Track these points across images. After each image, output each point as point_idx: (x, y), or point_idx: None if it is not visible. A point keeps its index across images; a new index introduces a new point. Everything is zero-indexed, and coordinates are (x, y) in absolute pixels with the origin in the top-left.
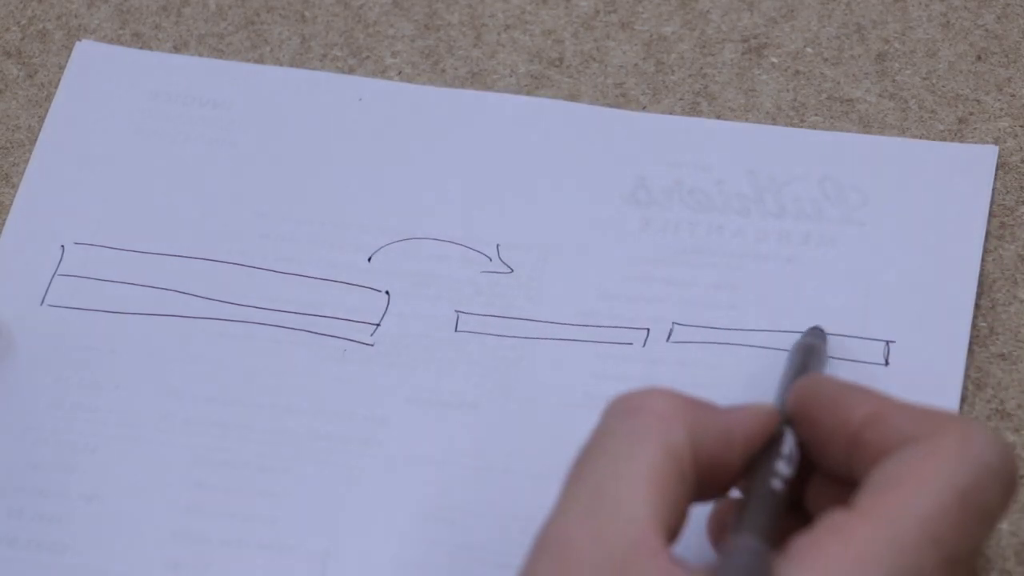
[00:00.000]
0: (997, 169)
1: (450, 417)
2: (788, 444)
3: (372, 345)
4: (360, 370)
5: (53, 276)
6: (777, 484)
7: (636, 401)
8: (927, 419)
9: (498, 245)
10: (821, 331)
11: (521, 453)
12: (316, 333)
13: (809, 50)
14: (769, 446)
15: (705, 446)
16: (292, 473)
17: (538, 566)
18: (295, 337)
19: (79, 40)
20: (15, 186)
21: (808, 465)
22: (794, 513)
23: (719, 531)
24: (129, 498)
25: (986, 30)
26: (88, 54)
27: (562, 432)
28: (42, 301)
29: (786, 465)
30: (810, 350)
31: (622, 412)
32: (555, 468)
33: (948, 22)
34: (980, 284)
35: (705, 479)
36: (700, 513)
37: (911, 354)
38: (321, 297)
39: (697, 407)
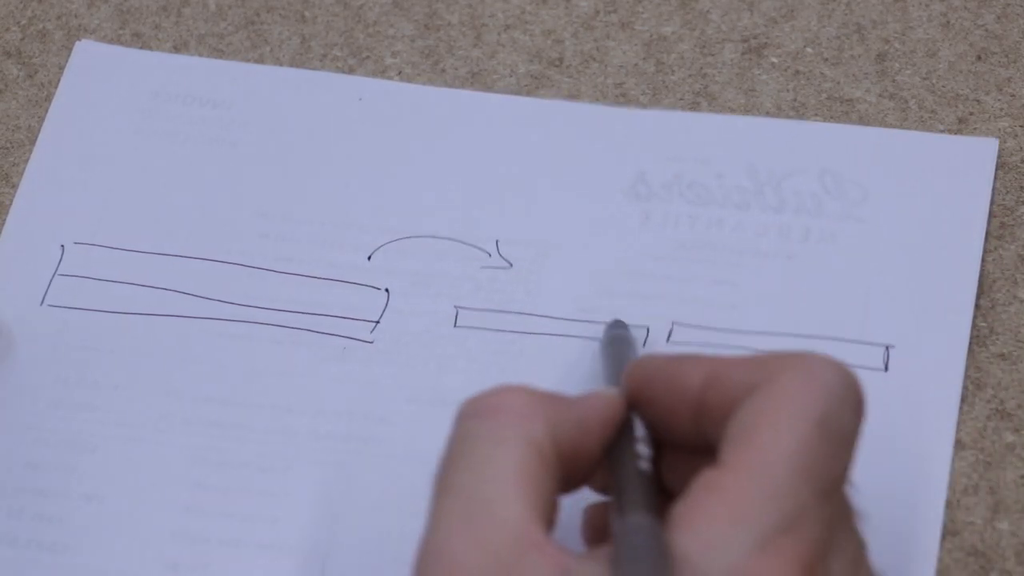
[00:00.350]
0: (997, 169)
1: (450, 415)
2: (639, 427)
3: (372, 343)
4: (360, 368)
5: (53, 276)
6: (643, 465)
7: (490, 401)
8: (764, 364)
9: (497, 241)
10: (622, 322)
11: None
12: (316, 332)
13: (809, 50)
14: (622, 432)
15: (564, 437)
16: (292, 473)
17: None
18: (295, 336)
19: (79, 40)
20: (15, 186)
21: (657, 446)
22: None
23: (594, 533)
24: (129, 498)
25: (986, 30)
26: (88, 54)
27: None
28: (42, 301)
29: (644, 446)
30: (621, 340)
31: (478, 414)
32: None
33: (948, 22)
34: (980, 284)
35: (567, 470)
36: (566, 512)
37: (911, 354)
38: (321, 296)
39: (551, 400)
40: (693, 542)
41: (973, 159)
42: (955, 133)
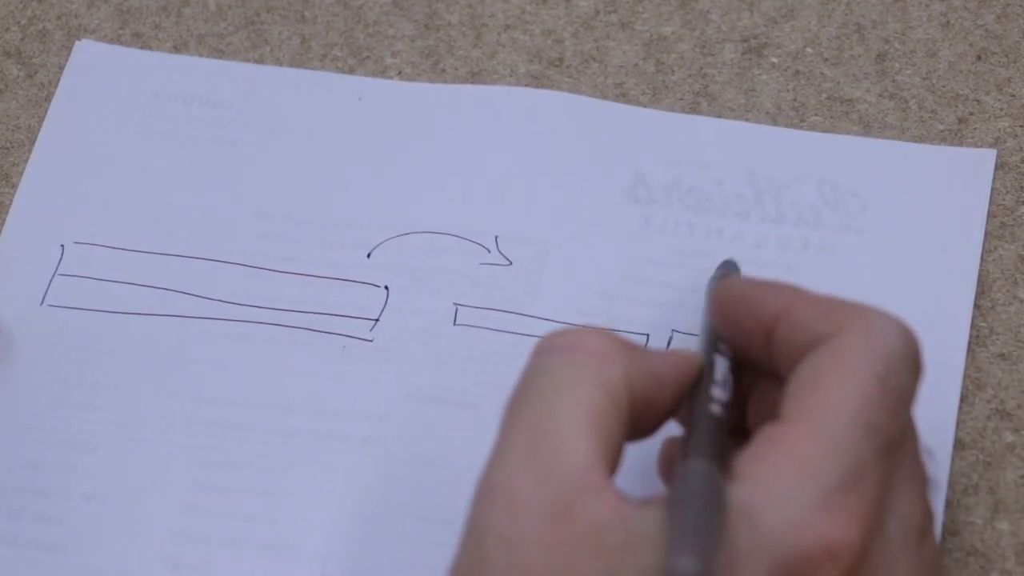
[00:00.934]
0: (997, 169)
1: (449, 416)
2: (721, 369)
3: (371, 341)
4: (359, 367)
5: (53, 276)
6: (716, 409)
7: (570, 339)
8: (831, 313)
9: (496, 237)
10: (733, 262)
11: None
12: (316, 331)
13: (809, 50)
14: (700, 379)
15: (638, 385)
16: (292, 473)
17: (485, 514)
18: (295, 336)
19: (79, 40)
20: (15, 186)
21: (746, 388)
22: (741, 441)
23: (668, 468)
24: (129, 498)
25: (986, 30)
26: (88, 54)
27: None
28: (42, 301)
29: (721, 390)
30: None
31: (556, 350)
32: None
33: (948, 22)
34: (980, 284)
35: (637, 418)
36: (633, 454)
37: None
38: (320, 295)
39: (630, 348)
40: (754, 495)
41: (971, 169)
42: (955, 133)
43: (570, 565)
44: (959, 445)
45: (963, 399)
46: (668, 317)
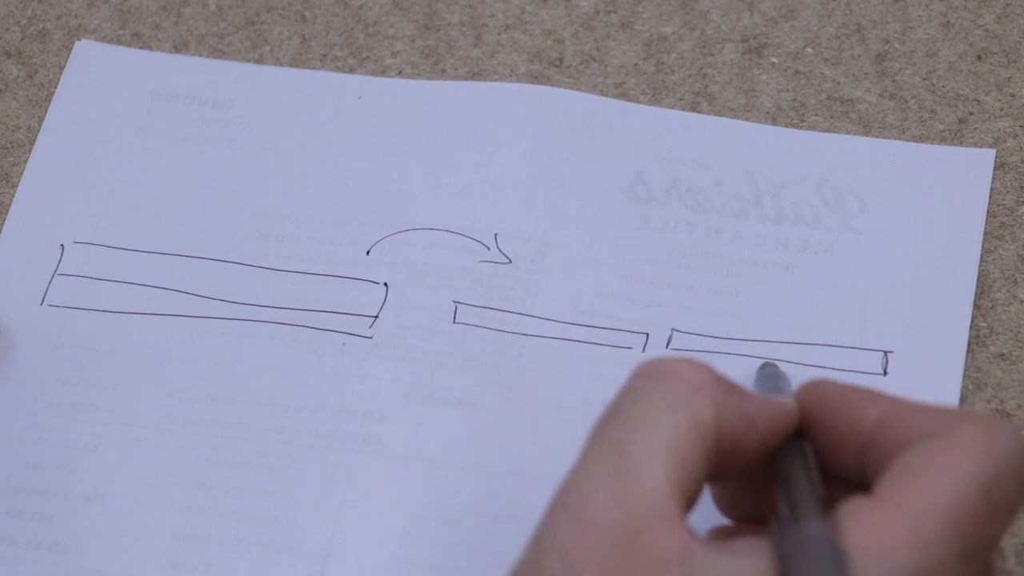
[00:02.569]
0: (996, 169)
1: (449, 415)
2: (811, 454)
3: (371, 338)
4: (359, 364)
5: (53, 276)
6: (818, 486)
7: (669, 367)
8: (945, 416)
9: (496, 234)
10: (773, 364)
11: (520, 454)
12: (316, 328)
13: (809, 50)
14: (793, 448)
15: (729, 425)
16: (292, 472)
17: (553, 526)
18: (295, 334)
19: (79, 40)
20: (15, 186)
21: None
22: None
23: (728, 504)
24: (129, 498)
25: (986, 30)
26: (88, 54)
27: (560, 435)
28: (42, 301)
29: (816, 470)
30: (776, 375)
31: (653, 376)
32: (553, 470)
33: (948, 22)
34: (980, 284)
35: (723, 457)
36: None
37: (911, 355)
38: (320, 293)
39: (726, 385)
40: None
41: (970, 169)
42: (955, 133)
43: None
44: None
45: (963, 399)
46: (668, 316)
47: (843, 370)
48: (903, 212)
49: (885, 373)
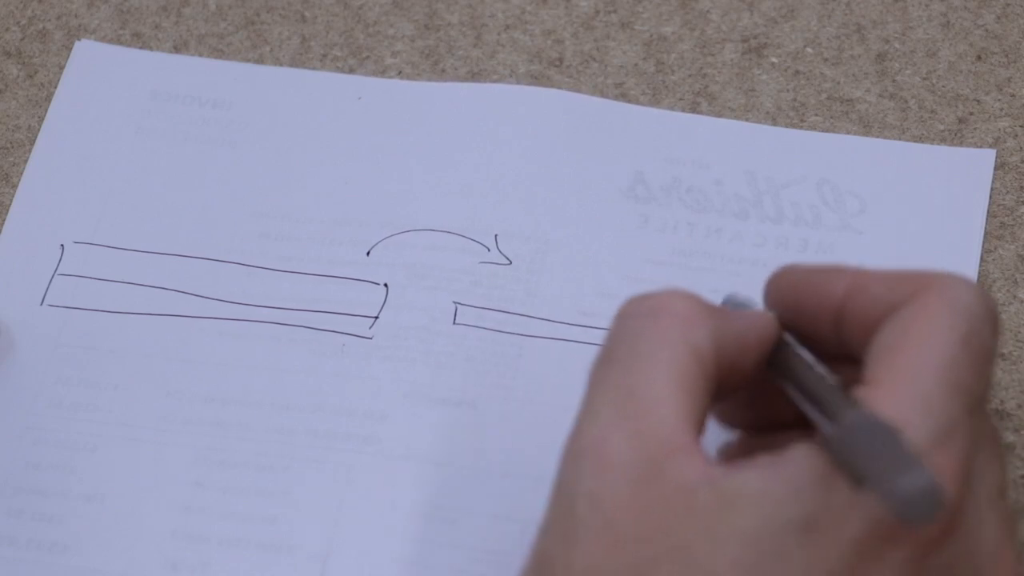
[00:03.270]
0: (996, 169)
1: (449, 415)
2: (801, 348)
3: (371, 338)
4: (359, 365)
5: (53, 276)
6: (827, 373)
7: (658, 302)
8: (904, 281)
9: (496, 235)
10: (737, 293)
11: (520, 454)
12: (315, 329)
13: (809, 50)
14: (782, 349)
15: (725, 349)
16: (291, 472)
17: (575, 474)
18: (295, 334)
19: (79, 40)
20: (15, 186)
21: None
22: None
23: (729, 417)
24: (128, 498)
25: (986, 30)
26: (88, 54)
27: (560, 435)
28: (42, 301)
29: (816, 360)
30: (746, 298)
31: (644, 313)
32: (552, 471)
33: (948, 22)
34: (980, 284)
35: (722, 380)
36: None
37: None
38: (320, 293)
39: (715, 311)
40: None
41: (971, 169)
42: (955, 133)
43: (661, 526)
44: None
45: None
46: None
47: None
48: (903, 212)
49: None
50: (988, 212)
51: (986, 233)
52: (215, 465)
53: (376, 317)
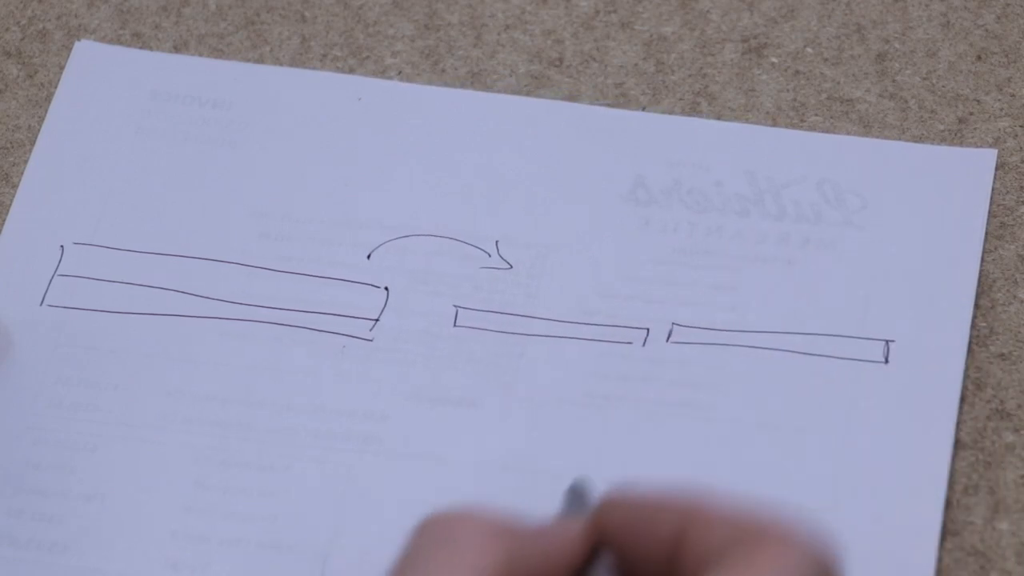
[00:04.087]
0: (997, 169)
1: (450, 415)
2: (606, 564)
3: (371, 340)
4: (359, 366)
5: (53, 276)
6: None
7: (449, 529)
8: (741, 531)
9: (497, 241)
10: (580, 485)
11: (521, 451)
12: (315, 330)
13: (809, 50)
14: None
15: (522, 570)
16: (292, 472)
17: None
18: (294, 335)
19: (79, 40)
20: (15, 186)
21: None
22: None
23: None
24: (129, 498)
25: (986, 30)
26: (88, 54)
27: (562, 431)
28: (42, 301)
29: None
30: (581, 493)
31: (434, 540)
32: (554, 466)
33: (948, 22)
34: (980, 284)
35: None
36: None
37: (911, 354)
38: (320, 294)
39: (513, 535)
40: None
41: (971, 169)
42: (955, 133)
43: None
44: (959, 445)
45: (963, 399)
46: (668, 311)
47: (844, 358)
48: (904, 213)
49: (886, 362)
50: (988, 212)
51: (986, 233)
52: (215, 465)
53: (377, 319)
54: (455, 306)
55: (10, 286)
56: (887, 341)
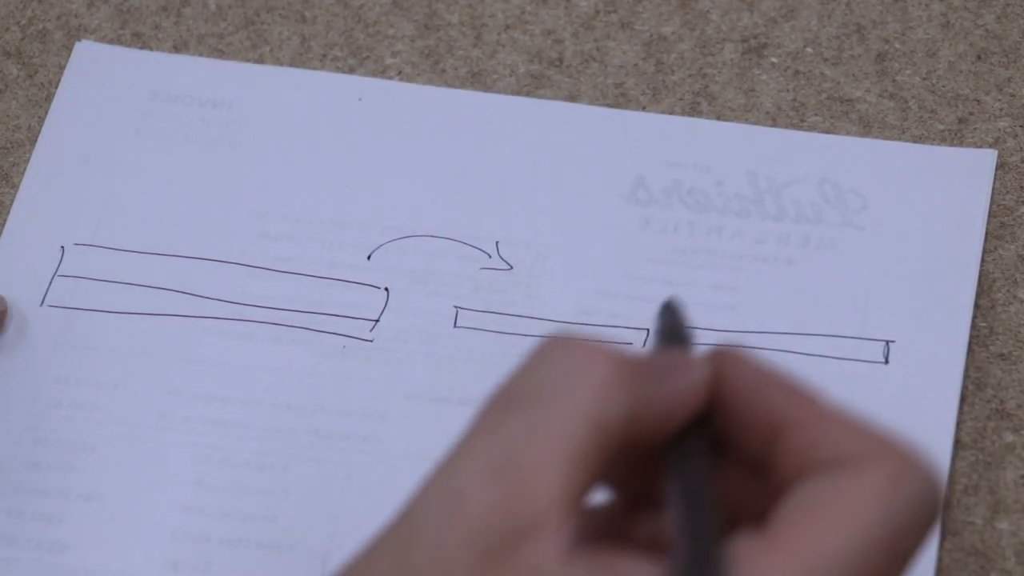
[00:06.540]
0: (997, 169)
1: (449, 414)
2: (706, 458)
3: (371, 341)
4: (359, 367)
5: (53, 276)
6: (710, 504)
7: (580, 356)
8: (858, 439)
9: (497, 242)
10: (675, 307)
11: None
12: (315, 330)
13: (809, 50)
14: (687, 453)
15: (641, 420)
16: (291, 471)
17: (426, 514)
18: (294, 335)
19: (79, 40)
20: (15, 186)
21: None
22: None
23: (613, 480)
24: (129, 497)
25: (986, 30)
26: (88, 54)
27: None
28: (42, 301)
29: (715, 487)
30: (678, 326)
31: (558, 365)
32: None
33: (948, 22)
34: (980, 284)
35: (629, 447)
36: None
37: (910, 354)
38: (320, 295)
39: (641, 375)
40: None
41: (971, 169)
42: (955, 133)
43: None
44: (959, 445)
45: (963, 399)
46: None
47: (844, 359)
48: (904, 213)
49: (887, 362)
50: (988, 212)
51: (986, 233)
52: (215, 464)
53: (377, 320)
54: (455, 307)
55: (10, 286)
56: (887, 342)
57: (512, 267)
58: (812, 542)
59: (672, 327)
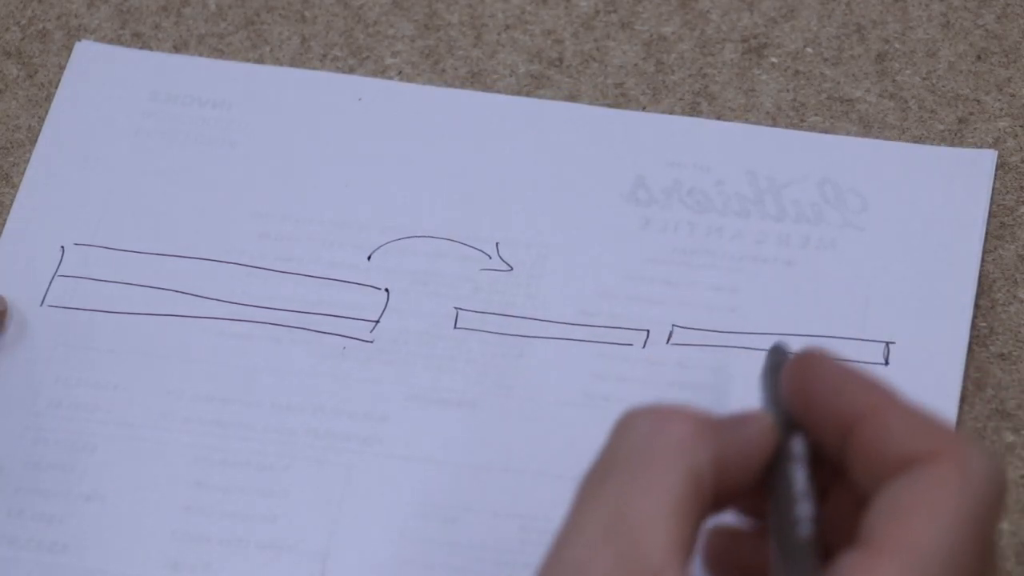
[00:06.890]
0: (997, 169)
1: (449, 415)
2: (800, 480)
3: (371, 342)
4: (359, 367)
5: (53, 276)
6: (804, 530)
7: (659, 421)
8: (926, 434)
9: (497, 243)
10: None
11: (521, 451)
12: (315, 331)
13: (809, 50)
14: (779, 465)
15: (726, 469)
16: (291, 472)
17: None
18: (294, 335)
19: (79, 40)
20: (15, 186)
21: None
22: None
23: (716, 560)
24: (129, 497)
25: (986, 30)
26: (88, 54)
27: (562, 431)
28: (42, 301)
29: (806, 504)
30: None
31: (645, 428)
32: (554, 467)
33: (948, 22)
34: (980, 284)
35: (720, 493)
36: None
37: (911, 355)
38: (320, 295)
39: (718, 429)
40: None
41: (971, 170)
42: (955, 133)
43: None
44: None
45: (963, 399)
46: (668, 312)
47: (844, 359)
48: (904, 213)
49: (887, 363)
50: (988, 212)
51: (986, 233)
52: (215, 465)
53: (377, 321)
54: (455, 308)
55: (10, 286)
56: (887, 343)
57: (512, 268)
58: (912, 545)
59: (778, 367)
